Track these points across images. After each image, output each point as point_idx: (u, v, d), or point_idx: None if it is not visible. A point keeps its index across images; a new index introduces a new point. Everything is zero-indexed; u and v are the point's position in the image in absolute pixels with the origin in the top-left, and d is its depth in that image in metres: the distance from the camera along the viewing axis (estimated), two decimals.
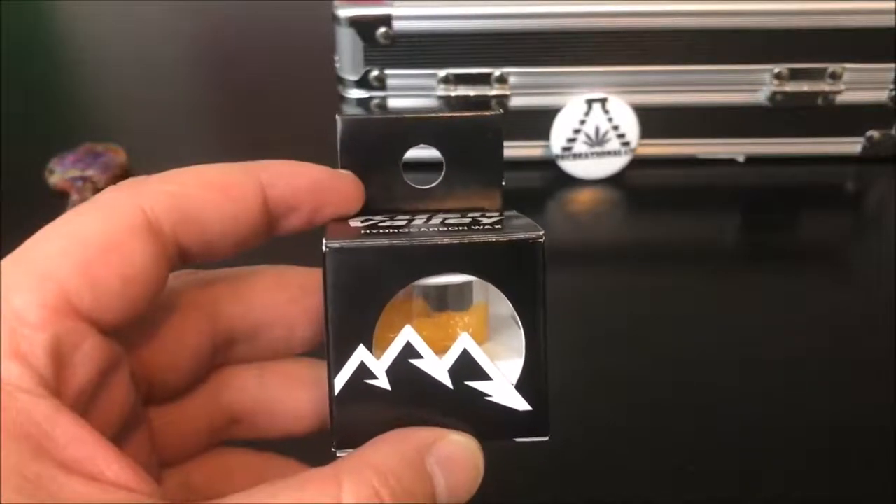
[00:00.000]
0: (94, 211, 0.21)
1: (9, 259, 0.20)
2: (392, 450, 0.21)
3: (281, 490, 0.19)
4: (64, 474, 0.18)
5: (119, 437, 0.22)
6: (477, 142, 0.25)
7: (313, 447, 0.23)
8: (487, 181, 0.25)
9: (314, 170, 0.24)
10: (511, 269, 0.22)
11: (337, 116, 0.24)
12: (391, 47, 0.52)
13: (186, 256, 0.22)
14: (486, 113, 0.25)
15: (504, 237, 0.22)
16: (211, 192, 0.22)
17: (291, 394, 0.27)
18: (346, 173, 0.24)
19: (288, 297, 0.26)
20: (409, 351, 0.22)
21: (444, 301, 0.24)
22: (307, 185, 0.23)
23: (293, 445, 0.27)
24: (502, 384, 0.22)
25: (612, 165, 0.56)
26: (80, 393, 0.20)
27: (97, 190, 0.52)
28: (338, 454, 0.22)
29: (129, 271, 0.20)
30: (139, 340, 0.24)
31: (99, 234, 0.20)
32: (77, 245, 0.20)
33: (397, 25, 0.52)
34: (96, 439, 0.19)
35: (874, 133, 0.57)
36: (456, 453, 0.21)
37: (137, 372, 0.23)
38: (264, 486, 0.19)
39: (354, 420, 0.22)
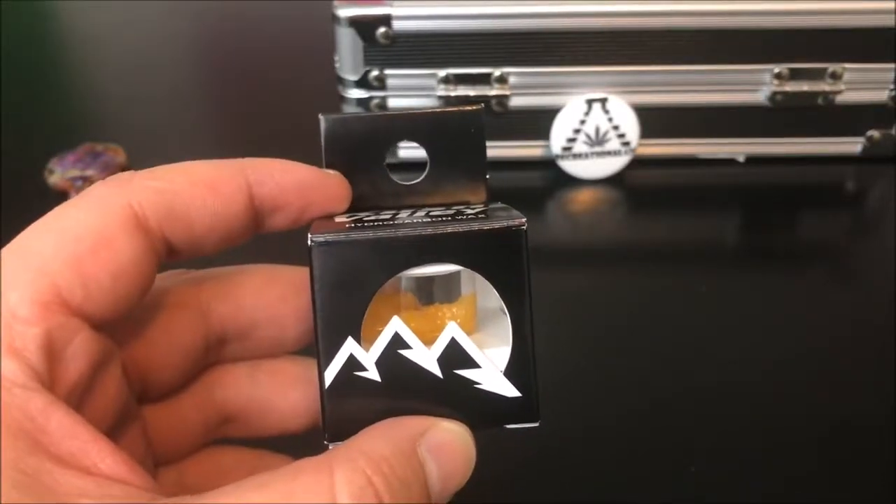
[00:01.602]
0: (83, 206, 0.21)
1: (4, 263, 0.20)
2: (384, 438, 0.21)
3: (273, 480, 0.19)
4: (60, 468, 0.18)
5: (113, 433, 0.22)
6: (460, 137, 0.25)
7: (306, 444, 0.23)
8: (472, 175, 0.26)
9: (302, 169, 0.24)
10: (495, 256, 0.22)
11: (320, 116, 0.24)
12: (391, 47, 0.52)
13: (173, 252, 0.23)
14: (469, 108, 0.25)
15: (487, 225, 0.22)
16: (198, 188, 0.22)
17: (284, 392, 0.27)
18: (333, 173, 0.24)
19: (279, 295, 0.26)
20: (397, 341, 0.22)
21: (432, 293, 0.24)
22: (294, 183, 0.23)
23: (286, 443, 0.27)
24: (491, 371, 0.22)
25: (612, 165, 0.56)
26: (73, 387, 0.20)
27: None
28: (330, 447, 0.22)
29: (119, 267, 0.21)
30: (132, 338, 0.24)
31: (89, 230, 0.20)
32: (68, 241, 0.20)
33: (397, 25, 0.52)
34: (91, 433, 0.19)
35: (874, 133, 0.57)
36: (447, 441, 0.21)
37: (130, 370, 0.24)
38: (256, 476, 0.19)
39: (345, 412, 0.22)
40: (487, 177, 0.26)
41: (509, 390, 0.22)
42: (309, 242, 0.21)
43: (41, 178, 0.53)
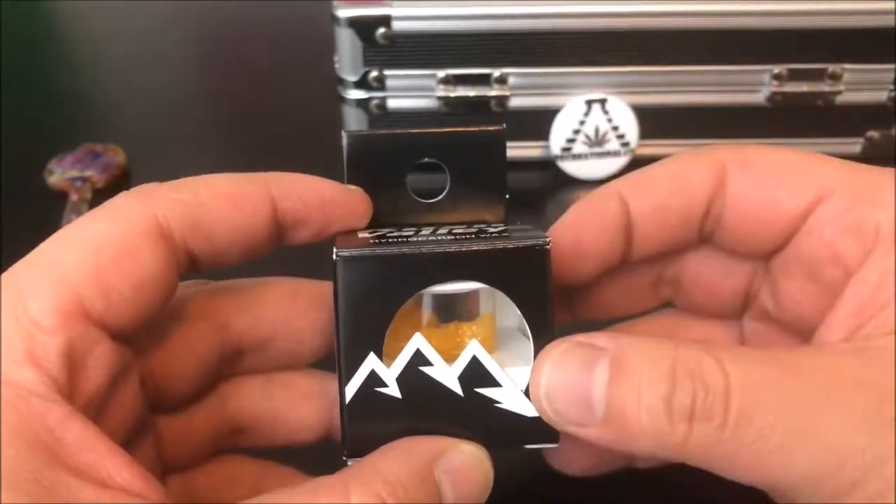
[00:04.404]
0: (107, 217, 0.21)
1: (24, 262, 0.20)
2: (400, 459, 0.21)
3: (291, 498, 0.19)
4: (76, 480, 0.18)
5: (127, 443, 0.22)
6: (481, 156, 0.25)
7: (315, 455, 0.23)
8: (491, 194, 0.26)
9: (324, 184, 0.24)
10: (519, 275, 0.22)
11: (343, 132, 0.25)
12: (391, 48, 0.52)
13: (194, 263, 0.23)
14: (490, 128, 0.25)
15: (511, 244, 0.22)
16: (222, 202, 0.22)
17: (296, 405, 0.27)
18: (355, 189, 0.25)
19: (297, 309, 0.26)
20: (419, 358, 0.22)
21: (452, 311, 0.24)
22: (317, 199, 0.24)
23: (294, 452, 0.27)
24: (511, 390, 0.22)
25: (611, 166, 0.56)
26: (91, 397, 0.20)
27: (96, 190, 0.52)
28: (349, 462, 0.22)
29: (141, 278, 0.21)
30: (148, 349, 0.24)
31: (112, 241, 0.21)
32: (90, 251, 0.20)
33: (397, 26, 0.52)
34: (107, 445, 0.19)
35: (874, 133, 0.57)
36: (464, 464, 0.21)
37: (146, 380, 0.24)
38: (272, 494, 0.19)
39: (365, 428, 0.22)
40: (507, 196, 0.26)
41: (529, 410, 0.22)
42: (334, 257, 0.21)
43: (41, 178, 0.53)
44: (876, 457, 0.18)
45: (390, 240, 0.22)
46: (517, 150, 0.56)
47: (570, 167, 0.56)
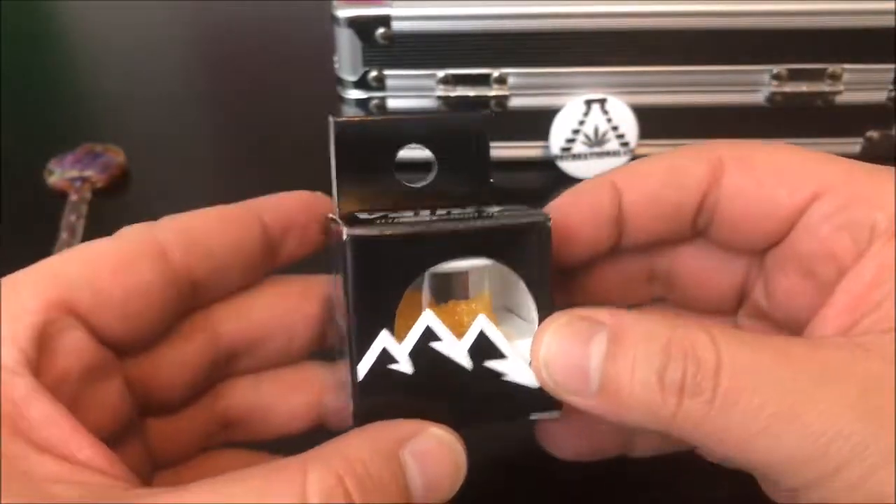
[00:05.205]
0: (111, 238, 0.23)
1: (27, 268, 0.22)
2: (366, 439, 0.21)
3: (249, 476, 0.19)
4: (37, 454, 0.18)
5: (113, 442, 0.22)
6: (466, 140, 0.26)
7: (310, 444, 0.23)
8: (476, 178, 0.26)
9: (301, 193, 0.27)
10: (523, 250, 0.23)
11: (329, 118, 0.25)
12: (390, 48, 0.52)
13: (197, 285, 0.24)
14: (473, 112, 0.26)
15: (515, 220, 0.23)
16: (215, 221, 0.25)
17: (285, 397, 0.27)
18: (321, 195, 0.27)
19: (287, 306, 0.27)
20: (429, 334, 0.22)
21: (447, 290, 0.25)
22: (296, 204, 0.26)
23: (289, 442, 0.27)
24: (517, 362, 0.23)
25: (611, 166, 0.56)
26: (59, 380, 0.21)
27: (95, 190, 0.52)
28: None
29: (135, 286, 0.22)
30: (139, 360, 0.24)
31: (112, 254, 0.23)
32: (90, 260, 0.22)
33: (396, 26, 0.52)
34: (71, 423, 0.19)
35: (874, 134, 0.57)
36: (434, 448, 0.21)
37: (136, 387, 0.24)
38: (234, 472, 0.19)
39: (376, 405, 0.22)
40: (491, 180, 0.26)
41: (533, 381, 0.23)
42: (343, 236, 0.22)
43: (41, 178, 0.53)
44: (859, 443, 0.19)
45: (395, 220, 0.23)
46: (517, 150, 0.56)
47: (569, 167, 0.56)
